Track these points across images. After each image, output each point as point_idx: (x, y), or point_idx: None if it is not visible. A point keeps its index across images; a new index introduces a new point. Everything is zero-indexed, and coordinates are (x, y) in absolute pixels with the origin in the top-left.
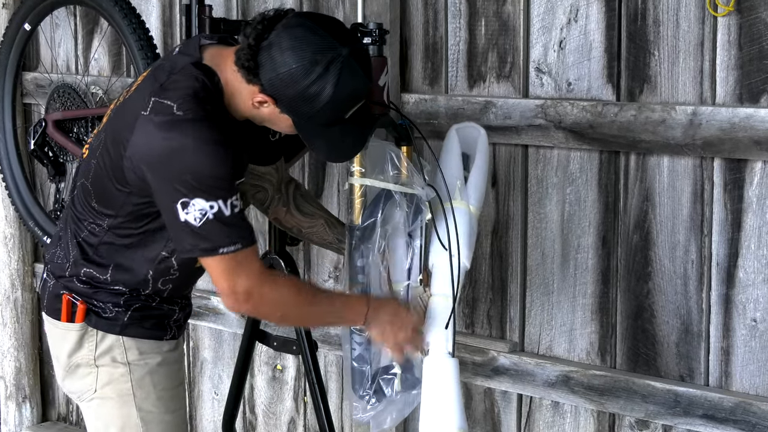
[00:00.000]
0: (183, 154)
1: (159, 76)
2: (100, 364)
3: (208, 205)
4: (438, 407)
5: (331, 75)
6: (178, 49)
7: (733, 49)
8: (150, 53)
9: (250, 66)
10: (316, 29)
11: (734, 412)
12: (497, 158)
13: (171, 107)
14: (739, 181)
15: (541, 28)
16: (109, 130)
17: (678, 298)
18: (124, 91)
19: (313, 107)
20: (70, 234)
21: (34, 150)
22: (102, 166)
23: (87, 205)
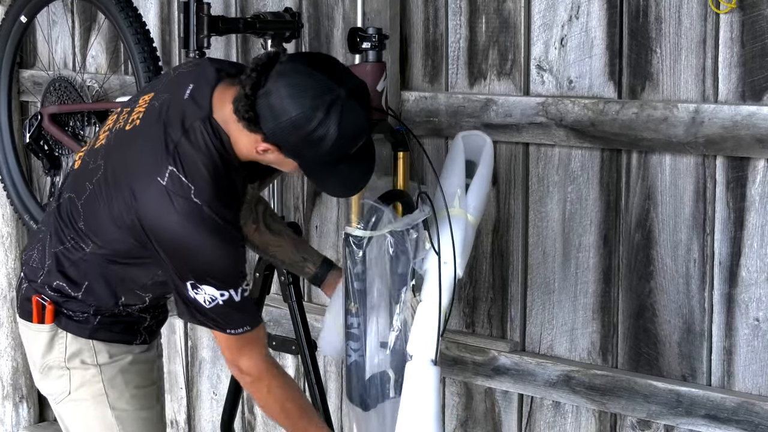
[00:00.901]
0: (199, 251)
1: (171, 127)
2: (71, 366)
3: (218, 293)
4: (416, 415)
5: (332, 118)
6: (190, 90)
7: (735, 46)
8: (147, 48)
9: (250, 117)
10: (312, 72)
11: (737, 412)
12: (498, 156)
13: (189, 189)
14: (741, 180)
15: (542, 25)
16: (110, 163)
17: (680, 298)
18: (123, 111)
19: (318, 151)
20: (48, 242)
21: (29, 143)
22: (99, 196)
23: (72, 223)
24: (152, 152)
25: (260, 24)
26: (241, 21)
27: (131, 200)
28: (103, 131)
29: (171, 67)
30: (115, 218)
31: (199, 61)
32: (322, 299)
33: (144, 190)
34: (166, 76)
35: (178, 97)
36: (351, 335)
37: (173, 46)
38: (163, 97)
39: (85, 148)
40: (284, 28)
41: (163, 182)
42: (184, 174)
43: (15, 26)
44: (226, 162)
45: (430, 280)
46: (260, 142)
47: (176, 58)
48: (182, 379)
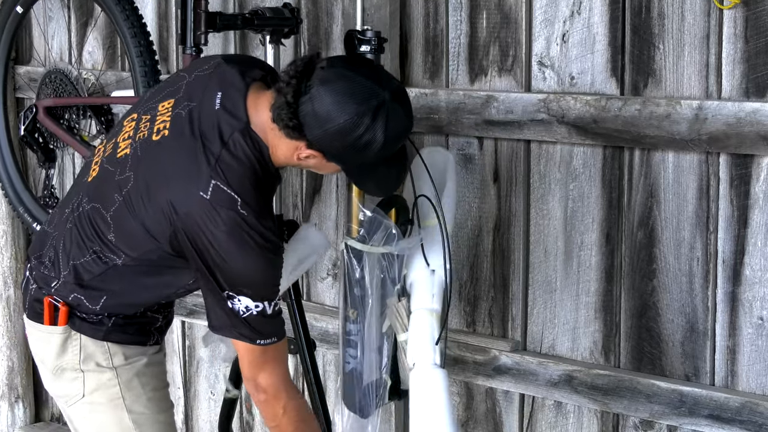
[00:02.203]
0: (242, 263)
1: (208, 140)
2: (85, 368)
3: (254, 304)
4: (429, 421)
5: (379, 122)
6: (219, 98)
7: (739, 42)
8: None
9: (294, 125)
10: (355, 77)
11: (740, 413)
12: (499, 154)
13: (235, 201)
14: (745, 177)
15: (544, 21)
16: (142, 174)
17: (683, 296)
18: (141, 119)
19: (364, 155)
20: (65, 251)
21: (24, 136)
22: (132, 208)
23: (100, 235)
24: (191, 166)
25: (259, 20)
26: (240, 17)
27: (171, 213)
28: (121, 139)
29: (181, 69)
30: (151, 230)
31: (214, 62)
32: (322, 298)
33: (186, 203)
34: (179, 78)
35: (207, 107)
36: (349, 342)
37: (170, 42)
38: (188, 106)
39: (98, 155)
40: (283, 24)
41: (207, 196)
42: (228, 186)
43: (11, 17)
44: (266, 171)
45: (420, 290)
46: (303, 149)
47: (174, 54)
48: (180, 378)
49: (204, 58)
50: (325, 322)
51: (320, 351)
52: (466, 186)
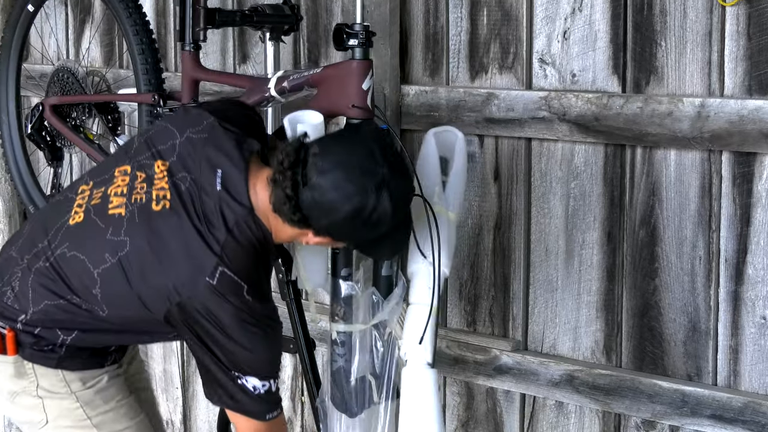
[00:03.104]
0: (250, 347)
1: (212, 226)
2: (43, 395)
3: (261, 384)
4: (417, 420)
5: (384, 199)
6: (220, 178)
7: (741, 39)
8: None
9: (298, 219)
10: (350, 161)
11: (743, 413)
12: (500, 152)
13: (241, 287)
14: (748, 175)
15: (545, 18)
16: (138, 243)
17: (685, 296)
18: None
19: (375, 229)
20: (37, 289)
21: (30, 134)
22: (125, 275)
23: (83, 287)
24: (194, 250)
25: (258, 17)
26: (239, 13)
27: (173, 294)
28: (113, 192)
29: (168, 119)
30: (146, 302)
31: (208, 123)
32: (321, 297)
33: (190, 287)
34: (169, 134)
35: (208, 186)
36: (337, 340)
37: (169, 39)
38: (186, 178)
39: (83, 198)
40: (282, 21)
41: (213, 281)
42: (235, 273)
43: (23, 16)
44: (268, 252)
45: (419, 283)
46: (311, 235)
47: (172, 51)
48: (178, 378)
49: (194, 114)
50: (323, 321)
51: (320, 351)
52: (466, 184)
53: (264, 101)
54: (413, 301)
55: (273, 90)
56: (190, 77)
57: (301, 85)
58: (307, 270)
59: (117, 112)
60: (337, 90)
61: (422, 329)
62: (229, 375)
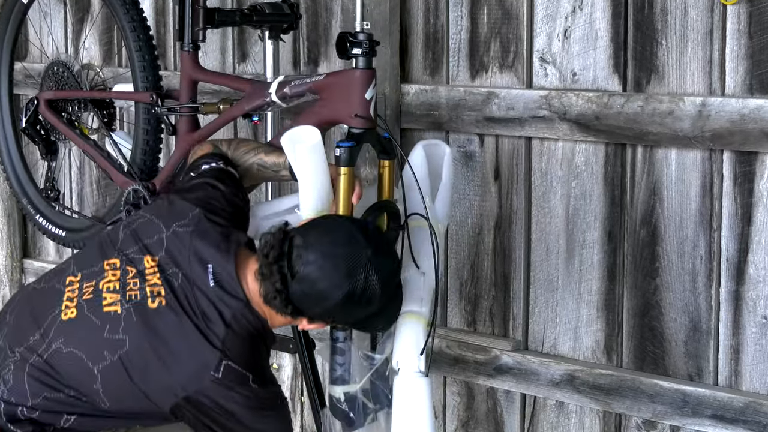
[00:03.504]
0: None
1: (210, 322)
2: None
3: None
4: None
5: (372, 281)
6: (211, 274)
7: (743, 38)
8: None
9: (290, 311)
10: (334, 250)
11: (744, 413)
12: (500, 151)
13: (247, 377)
14: (749, 174)
15: (546, 17)
16: (138, 343)
17: (686, 295)
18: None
19: (367, 308)
20: (33, 385)
21: (25, 128)
22: (126, 372)
23: (84, 383)
24: (196, 346)
25: (257, 16)
26: (238, 13)
27: (179, 391)
28: (105, 288)
29: (151, 210)
30: (151, 397)
31: (194, 215)
32: None
33: (197, 383)
34: (154, 228)
35: (201, 282)
36: (336, 349)
37: (168, 38)
38: (177, 274)
39: (73, 291)
40: (282, 20)
41: (219, 375)
42: (239, 365)
43: (16, 7)
44: (265, 339)
45: (409, 291)
46: (306, 323)
47: (171, 50)
48: None
49: (179, 207)
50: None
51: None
52: (466, 184)
53: (264, 106)
54: (404, 311)
55: (274, 95)
56: (188, 77)
57: (303, 92)
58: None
59: (112, 107)
60: (339, 99)
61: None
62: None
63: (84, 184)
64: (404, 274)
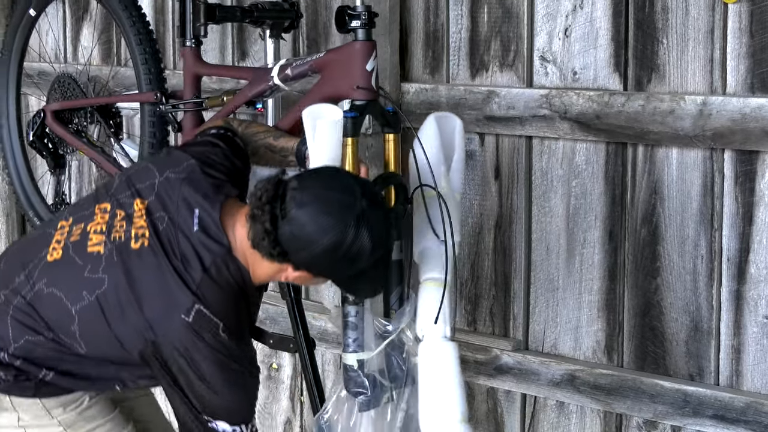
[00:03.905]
0: (223, 389)
1: (188, 265)
2: (25, 425)
3: (230, 428)
4: (438, 394)
5: (363, 232)
6: (197, 219)
7: (744, 36)
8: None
9: (277, 252)
10: (329, 194)
11: (745, 413)
12: (500, 150)
13: (218, 325)
14: (750, 174)
15: (546, 15)
16: (116, 281)
17: (687, 295)
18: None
19: (354, 264)
20: (16, 327)
21: (33, 141)
22: (102, 313)
23: (62, 324)
24: (172, 288)
25: (258, 13)
26: (239, 10)
27: (148, 333)
28: (92, 230)
29: (150, 160)
30: (121, 340)
31: (188, 164)
32: (321, 296)
33: (165, 325)
34: (148, 173)
35: (185, 226)
36: (348, 324)
37: (167, 36)
38: (164, 217)
39: (62, 233)
40: (282, 17)
41: (189, 319)
42: (211, 311)
43: (24, 20)
44: (246, 294)
45: (430, 259)
46: (290, 270)
47: (170, 48)
48: None
49: (176, 156)
50: (324, 320)
51: (319, 350)
52: (467, 183)
53: (267, 90)
54: (426, 278)
55: (276, 78)
56: (191, 73)
57: (305, 72)
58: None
59: (119, 116)
60: (340, 73)
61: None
62: (199, 418)
63: (83, 183)
64: (424, 244)
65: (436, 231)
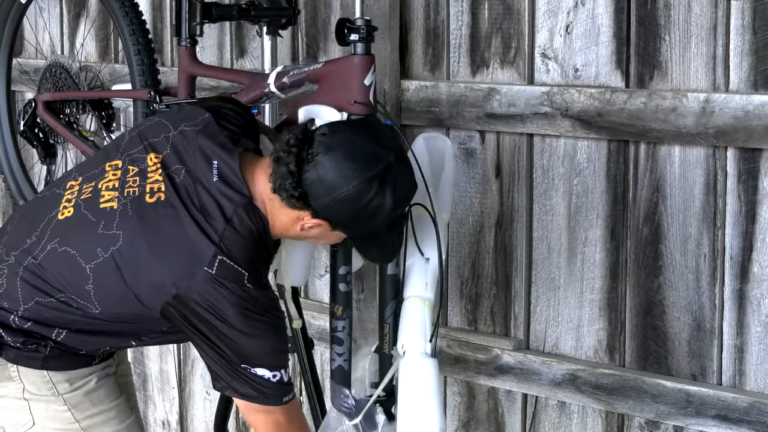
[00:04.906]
0: (254, 338)
1: (210, 217)
2: (28, 397)
3: (270, 374)
4: (416, 409)
5: (388, 186)
6: (216, 170)
7: (747, 33)
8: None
9: (299, 195)
10: (358, 141)
11: (748, 413)
12: (501, 148)
13: (243, 275)
14: (753, 172)
15: (547, 12)
16: (132, 237)
17: (690, 294)
18: (128, 168)
19: (373, 219)
20: (25, 289)
21: (23, 131)
22: (118, 269)
23: (76, 284)
24: (192, 241)
25: (255, 11)
26: (236, 7)
27: (169, 287)
28: (104, 187)
29: (162, 114)
30: (140, 297)
31: (203, 118)
32: (320, 296)
33: (187, 278)
34: (162, 128)
35: (204, 177)
36: (335, 339)
37: (165, 33)
38: (181, 170)
39: (72, 193)
40: (280, 15)
41: (212, 271)
42: (235, 261)
43: (14, 8)
44: (267, 246)
45: (415, 276)
46: (308, 218)
47: (168, 46)
48: (174, 378)
49: (190, 110)
50: (323, 320)
51: (318, 350)
52: (467, 181)
53: (263, 97)
54: (409, 295)
55: (273, 86)
56: (186, 72)
57: (302, 81)
58: (290, 264)
59: (111, 108)
60: (338, 86)
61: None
62: (236, 369)
63: None
64: (408, 261)
65: (420, 248)
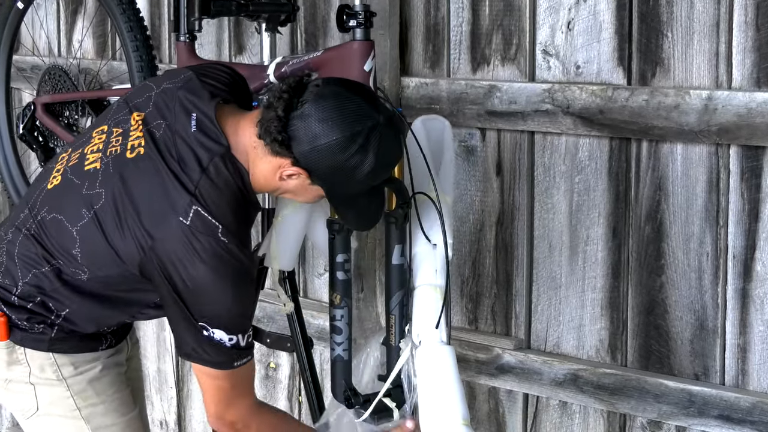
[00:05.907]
0: (220, 294)
1: (186, 166)
2: (34, 381)
3: (227, 337)
4: (437, 398)
5: (372, 145)
6: (194, 121)
7: (750, 30)
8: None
9: (282, 139)
10: (351, 96)
11: (751, 413)
12: (502, 145)
13: (216, 228)
14: (756, 170)
15: (548, 8)
16: (113, 193)
17: (692, 293)
18: (113, 132)
19: (351, 177)
20: (22, 260)
21: (23, 135)
22: (101, 227)
23: (63, 249)
24: (169, 191)
25: (254, 6)
26: (234, 3)
27: (145, 239)
28: (89, 150)
29: (149, 79)
30: (120, 252)
31: (186, 75)
32: (319, 295)
33: (162, 229)
34: (146, 89)
35: (183, 129)
36: (334, 328)
37: (163, 30)
38: (161, 124)
39: (61, 163)
40: (279, 10)
41: (186, 221)
42: (209, 213)
43: (12, 13)
44: (246, 199)
45: (424, 265)
46: (288, 166)
47: (166, 42)
48: (172, 377)
49: (174, 70)
50: (322, 319)
51: (317, 349)
52: (468, 179)
53: (263, 88)
54: (420, 284)
55: (272, 76)
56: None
57: (302, 69)
58: (279, 247)
59: None
60: (338, 72)
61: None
62: (195, 326)
63: None
64: (415, 249)
65: (427, 234)
